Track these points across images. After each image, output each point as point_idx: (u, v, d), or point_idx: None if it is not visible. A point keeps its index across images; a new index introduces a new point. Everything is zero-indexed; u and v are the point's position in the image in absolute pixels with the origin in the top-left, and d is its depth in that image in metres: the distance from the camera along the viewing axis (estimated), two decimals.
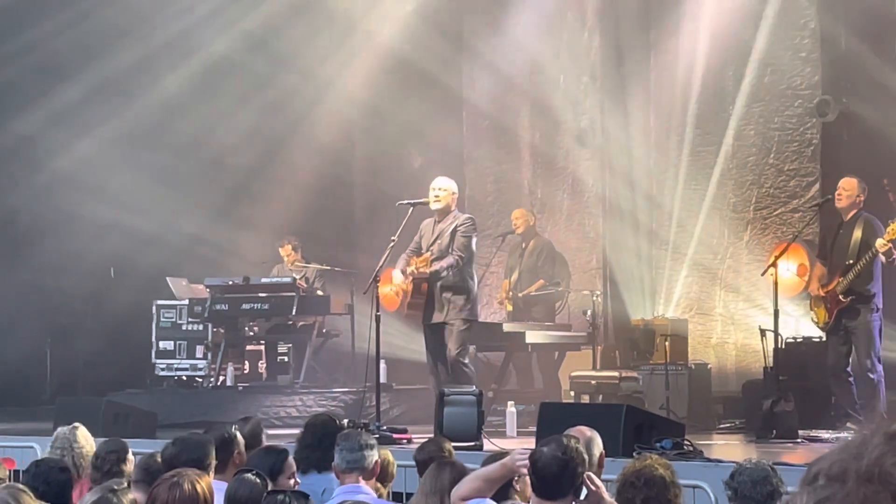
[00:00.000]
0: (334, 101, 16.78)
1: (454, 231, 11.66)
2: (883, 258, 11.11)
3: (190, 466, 5.37)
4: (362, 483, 6.45)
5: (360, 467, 6.45)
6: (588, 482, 5.37)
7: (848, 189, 11.54)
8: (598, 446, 6.54)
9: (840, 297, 11.33)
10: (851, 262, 11.29)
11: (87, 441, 7.29)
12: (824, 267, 11.70)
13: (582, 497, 5.38)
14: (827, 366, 11.68)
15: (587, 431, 6.72)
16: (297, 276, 15.08)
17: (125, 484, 4.86)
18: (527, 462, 5.28)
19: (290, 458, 6.67)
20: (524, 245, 14.81)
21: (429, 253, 11.73)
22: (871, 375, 11.24)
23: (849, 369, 11.44)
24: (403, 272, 11.82)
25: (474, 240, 11.91)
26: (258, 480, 5.65)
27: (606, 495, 5.42)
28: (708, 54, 14.90)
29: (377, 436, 8.63)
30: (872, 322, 11.32)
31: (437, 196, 11.77)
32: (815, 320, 11.73)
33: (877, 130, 13.55)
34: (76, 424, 7.46)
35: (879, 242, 11.05)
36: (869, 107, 13.69)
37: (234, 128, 16.59)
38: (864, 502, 1.67)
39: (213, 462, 6.27)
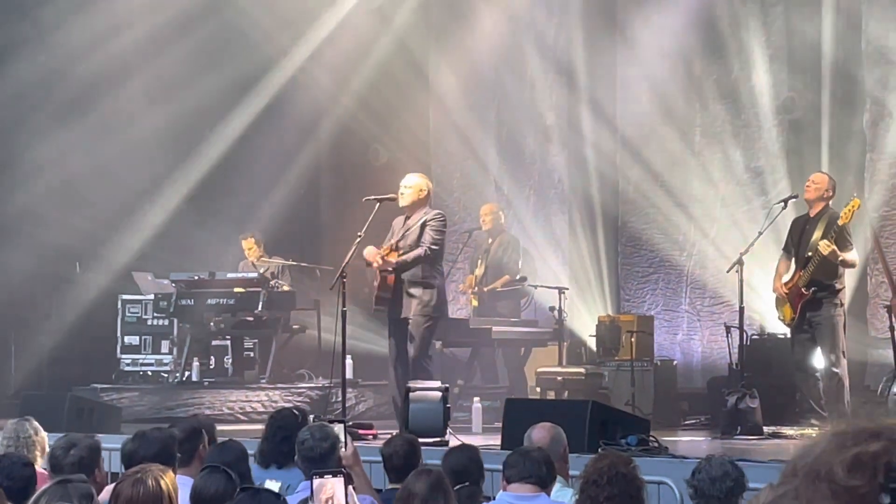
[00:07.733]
0: (300, 95, 16.73)
1: (423, 225, 11.59)
2: (832, 258, 11.17)
3: (149, 462, 5.33)
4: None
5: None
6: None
7: (818, 182, 11.57)
8: (562, 442, 6.56)
9: (802, 290, 11.35)
10: (811, 254, 11.31)
11: (37, 434, 7.23)
12: (788, 262, 11.74)
13: None
14: (792, 361, 11.71)
15: (551, 428, 6.75)
16: (262, 271, 15.04)
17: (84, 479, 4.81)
18: None
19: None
20: (490, 240, 14.80)
21: (392, 246, 11.60)
22: (836, 370, 11.27)
23: (814, 364, 11.47)
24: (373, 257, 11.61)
25: (443, 235, 11.80)
26: (226, 476, 5.58)
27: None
28: (676, 50, 14.93)
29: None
30: (836, 317, 11.34)
31: (402, 193, 11.69)
32: (782, 318, 11.74)
33: (843, 128, 13.61)
34: (27, 417, 7.42)
35: (823, 244, 11.09)
36: (835, 104, 13.74)
37: (201, 122, 16.50)
38: (809, 497, 1.68)
39: (176, 457, 6.24)
